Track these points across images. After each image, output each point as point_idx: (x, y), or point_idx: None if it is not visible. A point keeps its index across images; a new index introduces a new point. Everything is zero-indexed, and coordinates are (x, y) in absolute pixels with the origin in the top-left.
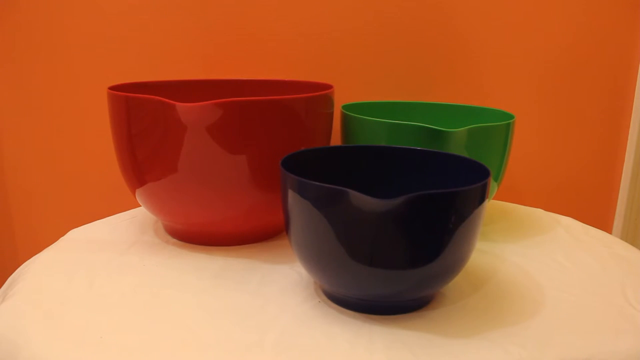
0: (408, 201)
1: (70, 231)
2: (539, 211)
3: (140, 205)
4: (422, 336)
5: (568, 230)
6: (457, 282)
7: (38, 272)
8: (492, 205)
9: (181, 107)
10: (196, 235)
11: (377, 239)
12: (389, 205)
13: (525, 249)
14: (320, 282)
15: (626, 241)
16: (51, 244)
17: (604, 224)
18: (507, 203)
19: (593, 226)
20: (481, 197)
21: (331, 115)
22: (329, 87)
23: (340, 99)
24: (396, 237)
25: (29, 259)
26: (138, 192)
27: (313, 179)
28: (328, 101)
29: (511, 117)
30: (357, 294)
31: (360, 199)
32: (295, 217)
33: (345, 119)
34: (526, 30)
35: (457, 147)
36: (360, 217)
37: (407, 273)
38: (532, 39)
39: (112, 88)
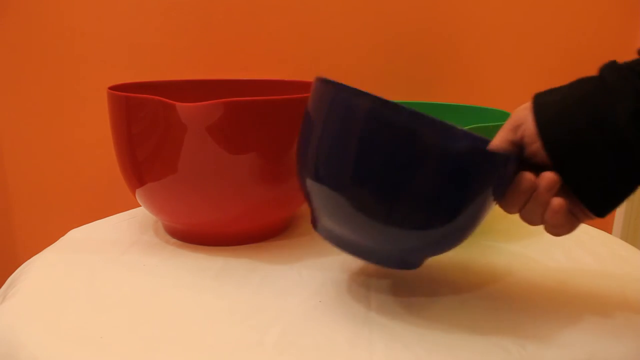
0: None
1: (70, 231)
2: None
3: (140, 205)
4: (422, 336)
5: None
6: (457, 281)
7: (38, 272)
8: None
9: (181, 107)
10: (196, 235)
11: None
12: None
13: (525, 249)
14: None
15: (626, 241)
16: (51, 244)
17: (604, 224)
18: None
19: (593, 226)
20: None
21: None
22: None
23: None
24: None
25: (29, 259)
26: (138, 192)
27: None
28: None
29: None
30: None
31: None
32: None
33: None
34: (526, 30)
35: None
36: None
37: None
38: (532, 39)
39: (112, 88)
